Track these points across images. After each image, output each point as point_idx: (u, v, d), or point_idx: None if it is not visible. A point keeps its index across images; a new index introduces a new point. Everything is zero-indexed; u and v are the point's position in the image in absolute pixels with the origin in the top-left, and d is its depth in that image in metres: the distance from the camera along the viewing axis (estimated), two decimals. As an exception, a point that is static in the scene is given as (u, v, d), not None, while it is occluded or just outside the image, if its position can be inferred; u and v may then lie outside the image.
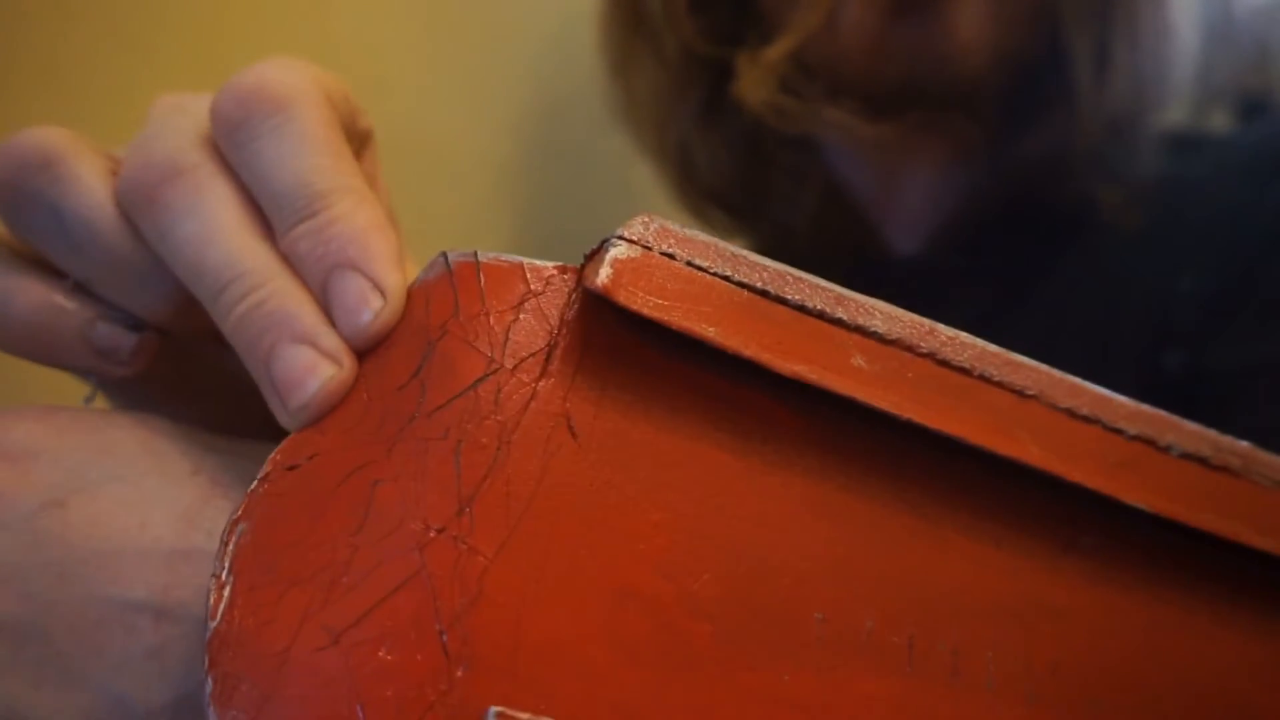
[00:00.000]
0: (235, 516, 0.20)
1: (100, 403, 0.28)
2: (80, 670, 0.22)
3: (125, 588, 0.23)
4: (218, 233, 0.24)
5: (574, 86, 0.65)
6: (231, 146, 0.25)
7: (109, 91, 0.53)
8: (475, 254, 0.22)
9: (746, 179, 0.60)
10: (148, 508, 0.23)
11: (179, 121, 0.26)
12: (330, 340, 0.22)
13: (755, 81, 0.53)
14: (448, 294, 0.22)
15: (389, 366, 0.22)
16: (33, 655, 0.23)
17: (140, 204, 0.24)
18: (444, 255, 0.23)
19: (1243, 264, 0.51)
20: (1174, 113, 0.57)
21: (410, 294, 0.22)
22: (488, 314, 0.22)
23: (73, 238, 0.25)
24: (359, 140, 0.29)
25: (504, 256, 0.23)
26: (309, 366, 0.22)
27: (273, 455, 0.21)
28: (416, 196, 0.31)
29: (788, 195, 0.59)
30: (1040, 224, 0.55)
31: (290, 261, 0.24)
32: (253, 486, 0.21)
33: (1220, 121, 0.59)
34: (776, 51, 0.52)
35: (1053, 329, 0.53)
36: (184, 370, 0.28)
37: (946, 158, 0.57)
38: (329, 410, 0.22)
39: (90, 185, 0.25)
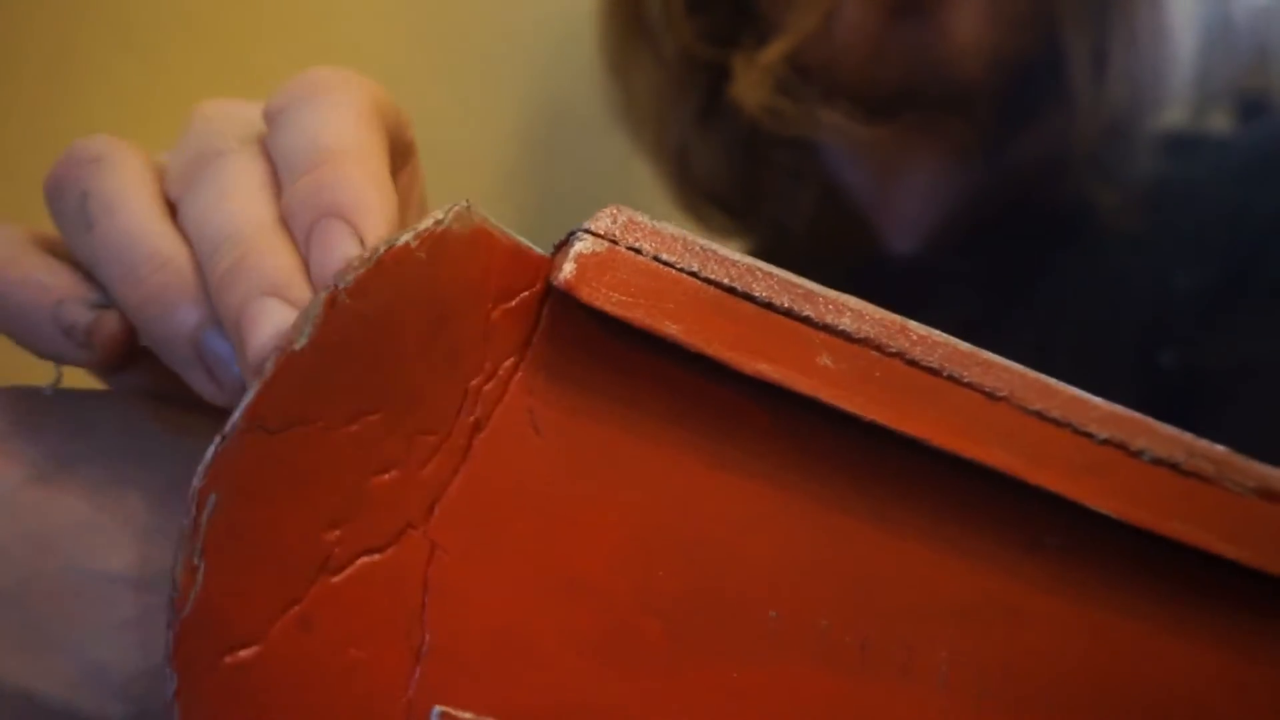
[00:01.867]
0: (202, 485, 0.19)
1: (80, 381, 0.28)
2: (59, 638, 0.23)
3: (103, 560, 0.23)
4: (227, 199, 0.23)
5: (574, 87, 0.65)
6: (272, 129, 0.25)
7: (111, 91, 0.53)
8: (487, 223, 0.21)
9: (744, 180, 0.60)
10: (125, 486, 0.24)
11: (230, 117, 0.26)
12: (300, 291, 0.21)
13: (751, 84, 0.53)
14: (469, 262, 0.21)
15: (402, 330, 0.20)
16: (11, 622, 0.23)
17: (180, 186, 0.24)
18: (469, 207, 0.21)
19: (1238, 264, 0.52)
20: (1173, 113, 0.57)
21: (436, 238, 0.20)
22: (493, 301, 0.21)
23: (88, 217, 0.24)
24: (402, 154, 0.29)
25: (508, 235, 0.22)
26: (276, 318, 0.21)
27: (251, 407, 0.19)
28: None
29: (785, 197, 0.59)
30: (1037, 225, 0.55)
31: (285, 216, 0.23)
32: (224, 444, 0.19)
33: (1219, 122, 0.59)
34: (773, 54, 0.52)
35: (1049, 329, 0.53)
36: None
37: (943, 159, 0.57)
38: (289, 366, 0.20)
39: (121, 172, 0.25)
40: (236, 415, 0.19)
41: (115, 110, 0.53)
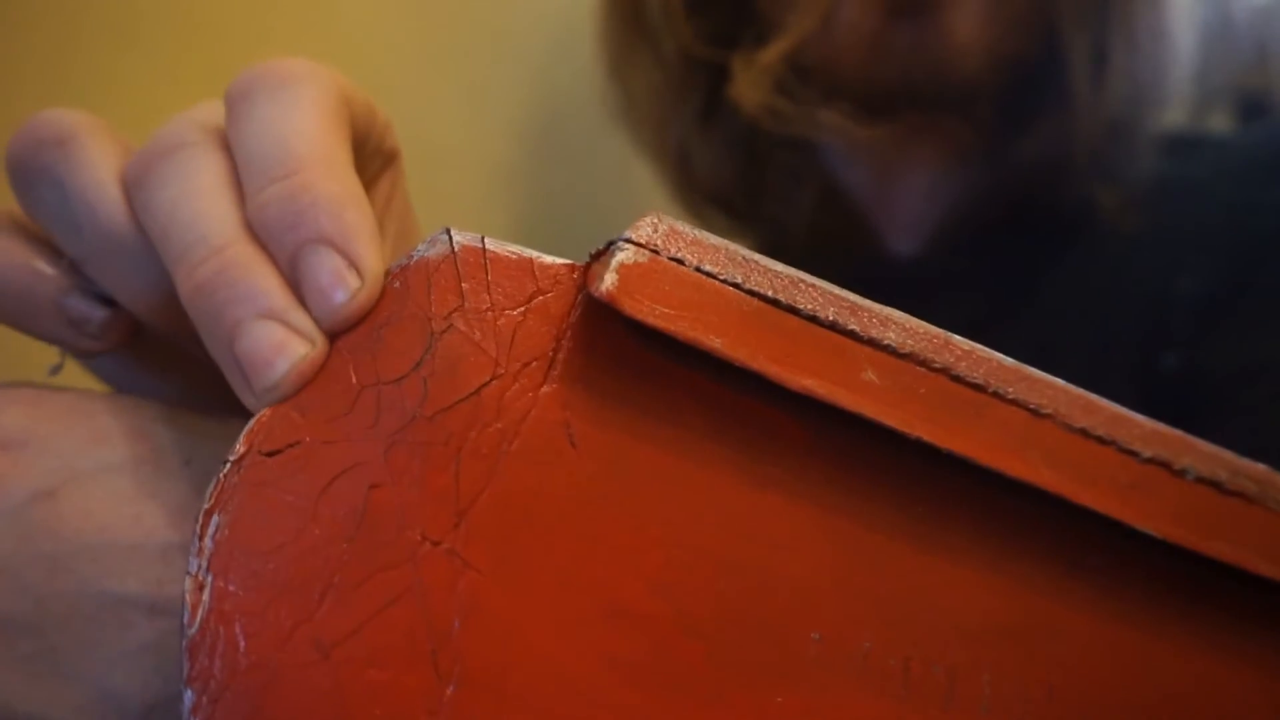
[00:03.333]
0: (209, 506, 0.19)
1: (80, 380, 0.27)
2: (73, 665, 0.22)
3: (118, 582, 0.22)
4: (191, 196, 0.23)
5: (574, 87, 0.64)
6: (231, 119, 0.24)
7: (111, 91, 0.52)
8: (483, 240, 0.21)
9: (745, 181, 0.59)
10: (141, 500, 0.23)
11: (191, 113, 0.25)
12: (301, 317, 0.21)
13: (750, 84, 0.53)
14: (452, 281, 0.21)
15: (385, 353, 0.20)
16: (25, 650, 0.22)
17: (137, 178, 0.24)
18: (448, 233, 0.21)
19: (1240, 265, 0.51)
20: (1173, 114, 0.57)
21: (409, 270, 0.21)
22: (494, 311, 0.21)
23: (72, 214, 0.24)
24: (382, 158, 0.28)
25: (511, 247, 0.21)
26: (278, 345, 0.20)
27: (245, 434, 0.20)
28: (416, 198, 0.31)
29: (786, 197, 0.59)
30: (1038, 226, 0.55)
31: (256, 228, 0.22)
32: (225, 470, 0.19)
33: (1219, 122, 0.59)
34: (772, 54, 0.52)
35: (1050, 331, 0.53)
36: (168, 346, 0.27)
37: (943, 160, 0.57)
38: (297, 391, 0.20)
39: (96, 164, 0.24)
40: (237, 443, 0.20)
41: (115, 110, 0.52)
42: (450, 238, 0.21)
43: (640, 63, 0.58)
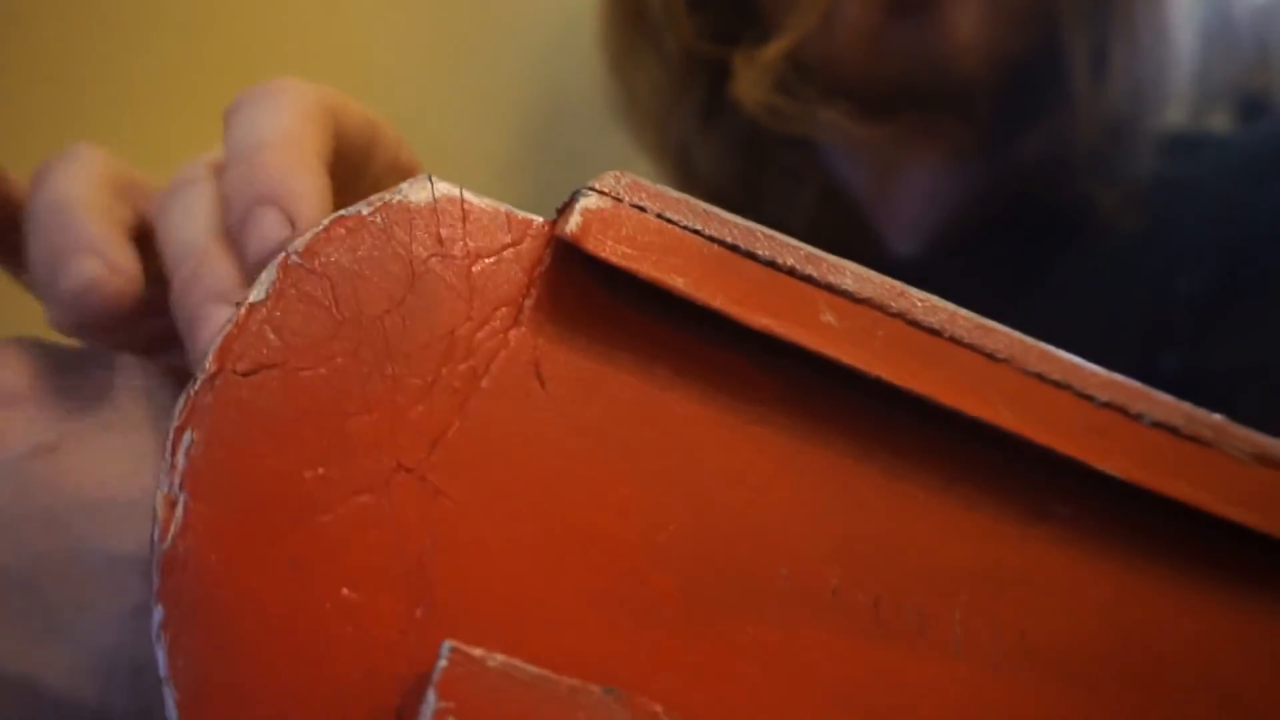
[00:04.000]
0: (179, 423, 0.19)
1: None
2: (68, 624, 0.22)
3: (116, 541, 0.22)
4: (189, 218, 0.25)
5: (575, 86, 0.65)
6: (224, 135, 0.26)
7: (111, 91, 0.53)
8: (461, 191, 0.22)
9: (746, 179, 0.60)
10: (139, 458, 0.23)
11: (203, 155, 0.27)
12: (240, 293, 0.22)
13: (751, 81, 0.53)
14: (432, 226, 0.22)
15: (366, 289, 0.21)
16: (20, 607, 0.22)
17: (155, 216, 0.26)
18: (429, 179, 0.22)
19: (1239, 264, 0.51)
20: (1173, 113, 0.57)
21: (391, 208, 0.22)
22: (470, 258, 0.22)
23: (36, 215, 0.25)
24: (398, 174, 0.29)
25: (488, 200, 0.22)
26: (217, 316, 0.22)
27: (215, 351, 0.20)
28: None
29: (786, 195, 0.59)
30: (1038, 225, 0.55)
31: (224, 214, 0.24)
32: (196, 387, 0.20)
33: (1219, 122, 0.59)
34: (773, 51, 0.52)
35: (1050, 330, 0.53)
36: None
37: (944, 159, 0.57)
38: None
39: (75, 162, 0.26)
40: (207, 359, 0.20)
41: (114, 110, 0.53)
42: (432, 184, 0.22)
43: (642, 60, 0.59)
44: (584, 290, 0.22)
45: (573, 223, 0.21)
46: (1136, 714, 0.23)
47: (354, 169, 0.28)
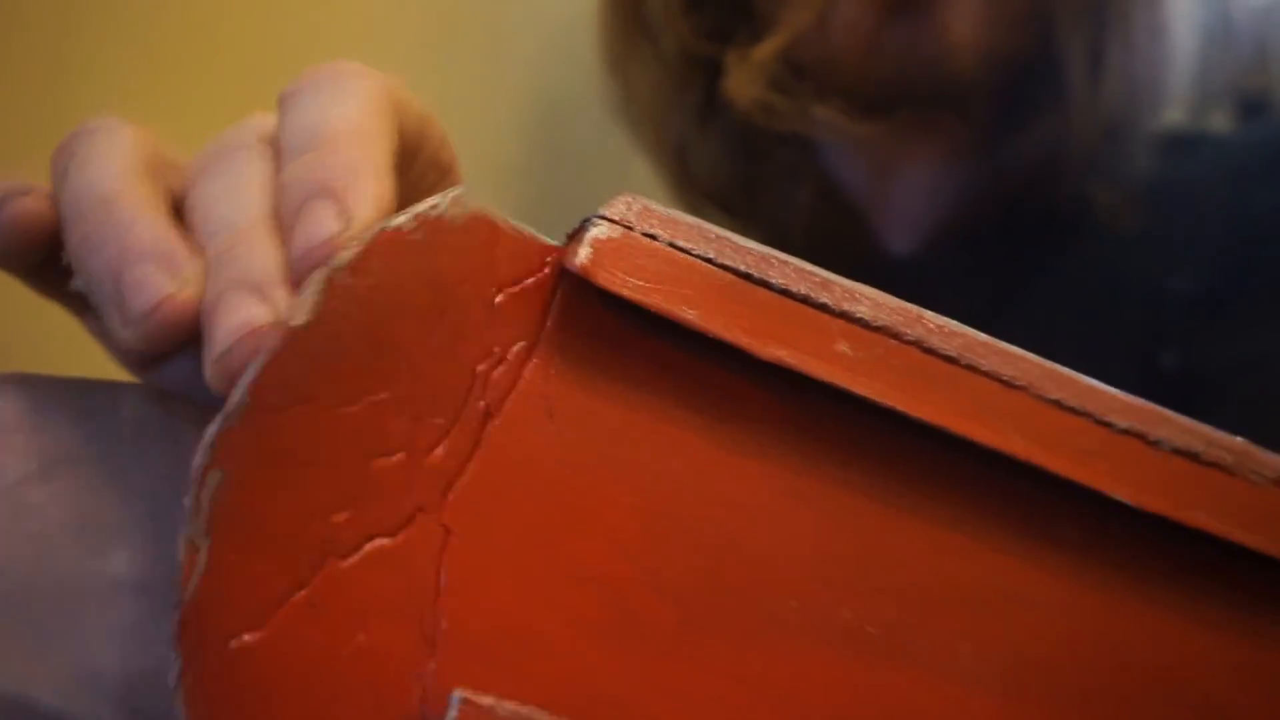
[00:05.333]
0: (206, 461, 0.19)
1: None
2: (59, 642, 0.22)
3: (106, 561, 0.22)
4: (231, 191, 0.23)
5: (574, 83, 0.65)
6: (280, 117, 0.25)
7: (109, 91, 0.53)
8: (489, 214, 0.21)
9: (743, 178, 0.60)
10: (131, 485, 0.23)
11: (250, 119, 0.26)
12: (279, 290, 0.21)
13: (743, 79, 0.53)
14: (464, 248, 0.21)
15: (403, 315, 0.20)
16: (9, 627, 0.22)
17: (193, 177, 0.24)
18: (463, 196, 0.21)
19: (1238, 264, 0.52)
20: (1172, 113, 0.57)
21: (430, 223, 0.21)
22: (496, 286, 0.21)
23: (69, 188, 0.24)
24: (438, 171, 0.28)
25: (511, 224, 0.22)
26: (245, 322, 0.20)
27: (249, 385, 0.19)
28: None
29: (784, 195, 0.59)
30: (1035, 224, 0.55)
31: (279, 202, 0.22)
32: (227, 422, 0.19)
33: (1219, 122, 0.59)
34: (766, 50, 0.52)
35: (1048, 330, 0.53)
36: None
37: (940, 158, 0.57)
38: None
39: (109, 143, 0.24)
40: (239, 393, 0.19)
41: (116, 110, 0.53)
42: (465, 202, 0.21)
43: (640, 59, 0.59)
44: (594, 319, 0.21)
45: (583, 254, 0.20)
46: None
47: (401, 165, 0.26)
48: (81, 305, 0.26)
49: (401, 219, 0.20)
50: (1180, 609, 0.23)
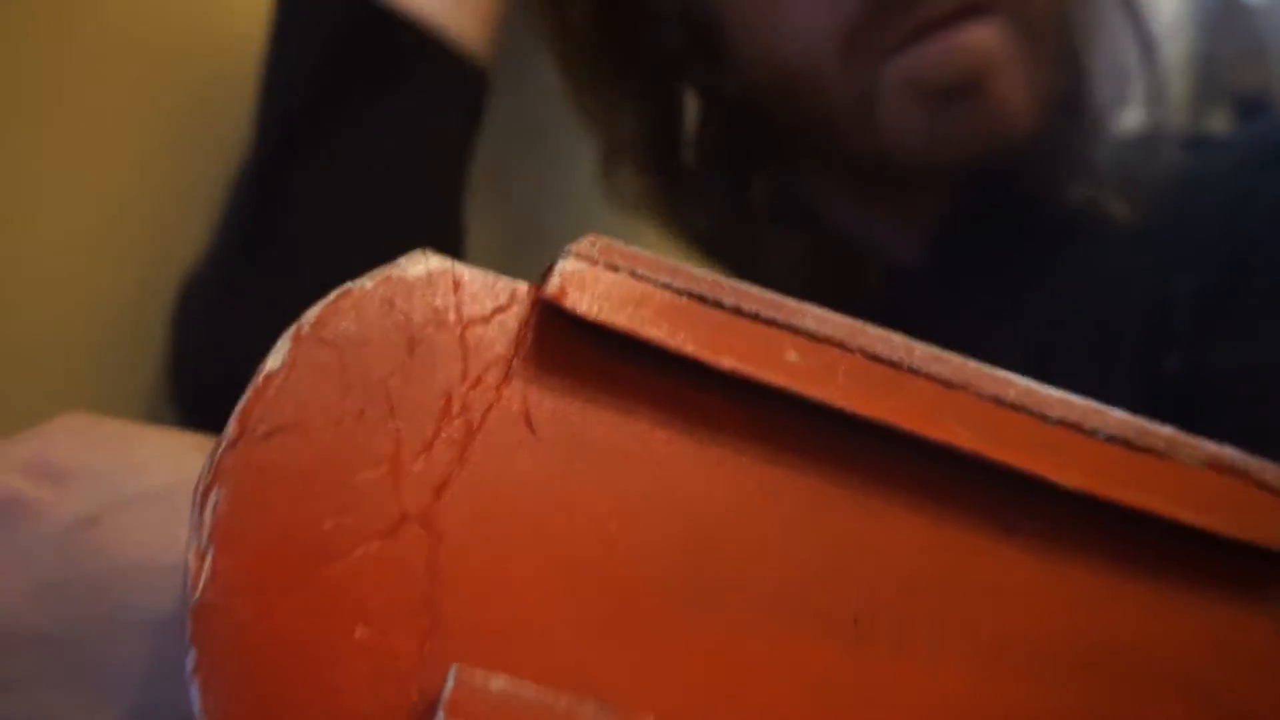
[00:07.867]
0: (206, 483, 0.22)
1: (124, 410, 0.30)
2: (111, 683, 0.24)
3: (154, 602, 0.24)
4: None
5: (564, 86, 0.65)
6: None
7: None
8: (453, 264, 0.24)
9: (735, 237, 0.61)
10: (179, 524, 0.24)
11: None
12: None
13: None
14: (428, 296, 0.24)
15: (371, 353, 0.23)
16: (65, 668, 0.24)
17: None
18: (424, 254, 0.24)
19: (1239, 264, 0.52)
20: (1173, 114, 0.58)
21: (391, 283, 0.24)
22: (464, 323, 0.24)
23: None
24: None
25: (477, 270, 0.25)
26: None
27: (239, 415, 0.22)
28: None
29: (778, 247, 0.60)
30: (1037, 227, 0.56)
31: None
32: (221, 450, 0.22)
33: (1219, 122, 0.60)
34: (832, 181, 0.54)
35: (1051, 333, 0.54)
36: None
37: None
38: None
39: None
40: (229, 425, 0.22)
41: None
42: (426, 258, 0.24)
43: (626, 110, 0.60)
44: (568, 344, 0.24)
45: (552, 284, 0.23)
46: (1112, 709, 0.25)
47: None
48: None
49: (364, 280, 0.24)
50: (1137, 586, 0.25)
